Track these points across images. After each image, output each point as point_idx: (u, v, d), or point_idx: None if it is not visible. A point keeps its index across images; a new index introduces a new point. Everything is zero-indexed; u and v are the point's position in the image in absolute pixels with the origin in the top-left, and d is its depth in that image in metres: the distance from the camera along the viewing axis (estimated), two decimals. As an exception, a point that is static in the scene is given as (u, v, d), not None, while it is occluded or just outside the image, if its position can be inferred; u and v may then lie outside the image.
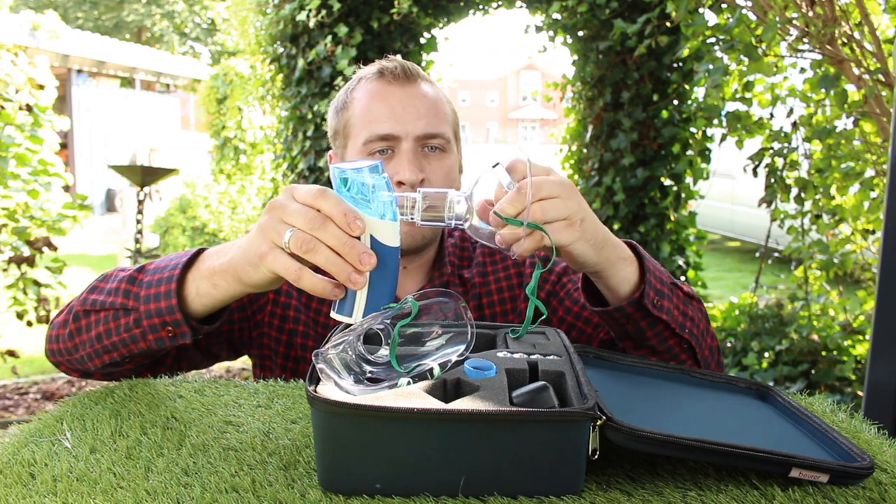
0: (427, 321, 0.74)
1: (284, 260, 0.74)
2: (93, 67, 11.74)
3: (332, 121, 1.20)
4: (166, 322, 0.86)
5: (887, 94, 2.38)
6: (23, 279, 3.29)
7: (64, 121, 3.64)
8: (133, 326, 0.88)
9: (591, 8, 3.78)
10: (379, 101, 1.13)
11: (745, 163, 3.19)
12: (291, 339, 1.16)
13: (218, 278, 0.83)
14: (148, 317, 0.87)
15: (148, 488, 0.63)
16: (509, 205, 0.75)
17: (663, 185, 4.02)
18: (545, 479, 0.62)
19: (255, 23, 4.25)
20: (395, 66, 1.16)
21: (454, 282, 1.21)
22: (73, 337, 0.94)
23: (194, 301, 0.86)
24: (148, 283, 0.88)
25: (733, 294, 5.31)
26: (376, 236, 0.72)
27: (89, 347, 0.92)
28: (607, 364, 0.87)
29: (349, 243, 0.71)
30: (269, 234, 0.74)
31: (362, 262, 0.71)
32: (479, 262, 1.24)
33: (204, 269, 0.85)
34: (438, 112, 1.14)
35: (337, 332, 0.81)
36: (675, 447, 0.64)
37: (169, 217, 7.55)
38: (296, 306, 1.17)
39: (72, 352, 0.95)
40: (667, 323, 0.93)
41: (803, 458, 0.65)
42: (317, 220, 0.71)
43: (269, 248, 0.75)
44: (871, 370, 1.66)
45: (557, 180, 0.78)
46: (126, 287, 0.90)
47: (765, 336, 3.57)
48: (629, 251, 0.91)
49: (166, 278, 0.87)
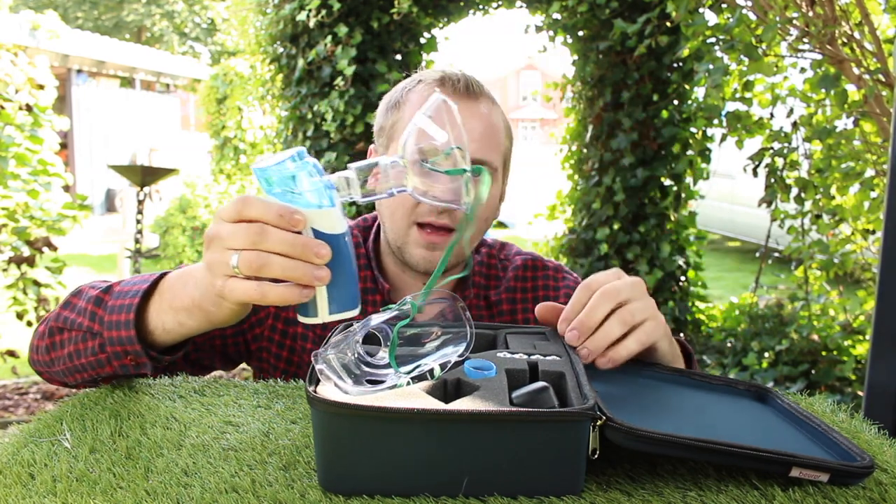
0: (426, 322, 0.73)
1: (241, 286, 0.69)
2: (93, 67, 11.74)
3: (381, 117, 1.12)
4: (128, 351, 0.83)
5: (887, 94, 2.38)
6: (23, 279, 3.30)
7: (64, 121, 3.64)
8: (98, 351, 0.85)
9: (591, 8, 3.79)
10: None
11: (745, 163, 3.19)
12: (291, 357, 1.12)
13: (183, 317, 0.79)
14: (111, 343, 0.84)
15: (148, 488, 0.63)
16: (573, 334, 0.79)
17: (663, 185, 4.02)
18: (545, 479, 0.62)
19: (255, 23, 4.25)
20: (459, 77, 1.08)
21: (479, 304, 1.16)
22: (49, 351, 0.92)
23: (161, 335, 0.83)
24: (111, 308, 0.84)
25: (733, 294, 5.31)
26: (318, 227, 0.67)
27: (62, 365, 0.90)
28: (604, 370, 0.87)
29: (297, 242, 0.66)
30: (216, 267, 0.70)
31: (319, 256, 0.66)
32: (510, 287, 1.19)
33: (166, 304, 0.81)
34: (492, 137, 1.07)
35: (336, 333, 0.81)
36: (675, 447, 0.64)
37: (169, 217, 7.55)
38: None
39: (50, 365, 0.93)
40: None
41: (803, 457, 0.65)
42: (253, 231, 0.66)
43: (223, 282, 0.70)
44: (871, 370, 1.66)
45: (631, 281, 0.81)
46: (92, 309, 0.86)
47: (765, 336, 3.57)
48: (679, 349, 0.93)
49: (126, 306, 0.83)
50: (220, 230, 0.69)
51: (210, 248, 0.71)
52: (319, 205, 0.67)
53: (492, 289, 1.19)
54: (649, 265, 3.97)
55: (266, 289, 0.68)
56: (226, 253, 0.69)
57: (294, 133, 3.91)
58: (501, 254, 1.24)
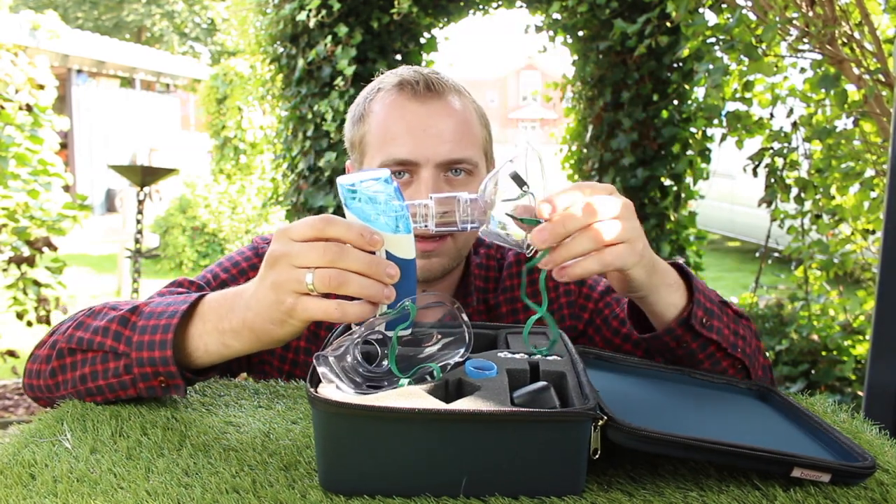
0: (425, 327, 0.73)
1: (318, 304, 0.69)
2: (93, 67, 11.73)
3: (349, 131, 1.10)
4: (159, 372, 0.80)
5: (887, 94, 2.38)
6: (23, 279, 3.29)
7: (64, 121, 3.64)
8: (123, 372, 0.81)
9: (591, 8, 3.78)
10: (397, 119, 1.02)
11: (745, 163, 3.19)
12: (293, 370, 1.11)
13: (230, 338, 0.77)
14: (140, 365, 0.80)
15: (148, 489, 0.63)
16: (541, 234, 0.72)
17: (663, 185, 4.02)
18: (546, 479, 0.62)
19: (255, 23, 4.25)
20: (417, 78, 1.03)
21: (479, 310, 1.14)
22: (55, 374, 0.86)
23: (201, 357, 0.81)
24: (142, 329, 0.81)
25: (733, 294, 5.31)
26: (391, 250, 0.69)
27: (72, 388, 0.85)
28: (608, 365, 0.87)
29: (373, 261, 0.68)
30: (287, 285, 0.69)
31: (389, 277, 0.68)
32: (506, 287, 1.17)
33: (210, 326, 0.79)
34: (466, 133, 1.03)
35: (335, 335, 0.81)
36: (677, 447, 0.64)
37: (169, 217, 7.55)
38: (306, 336, 1.10)
39: (53, 390, 0.87)
40: (718, 343, 0.90)
41: (805, 457, 0.65)
42: (333, 250, 0.67)
43: (295, 300, 0.69)
44: (871, 370, 1.65)
45: (620, 200, 0.75)
46: (117, 329, 0.82)
47: (765, 336, 3.57)
48: (676, 275, 0.88)
49: (163, 326, 0.80)
50: (290, 249, 0.69)
51: (276, 267, 0.70)
52: (395, 228, 0.69)
53: (490, 292, 1.17)
54: (649, 265, 3.96)
55: (346, 307, 0.69)
56: (297, 271, 0.69)
57: (294, 133, 3.91)
58: (499, 253, 1.21)
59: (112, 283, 6.62)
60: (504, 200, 0.72)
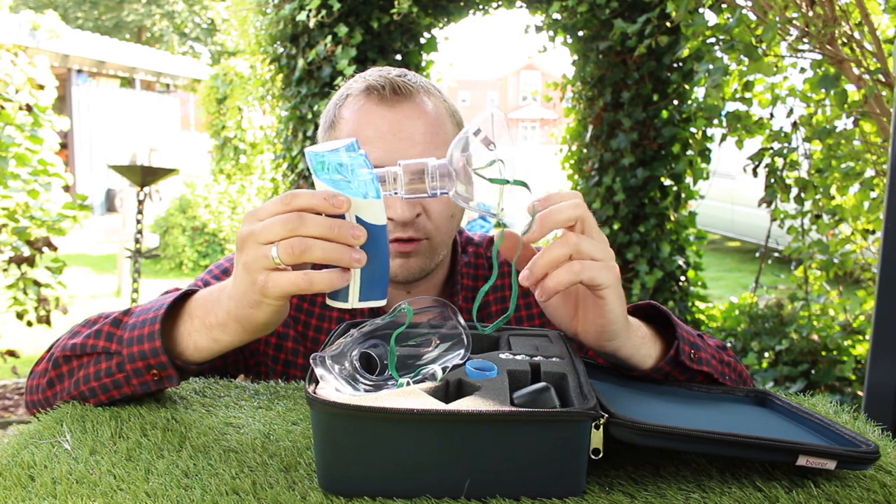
0: (423, 331, 0.73)
1: (285, 277, 0.69)
2: (93, 67, 11.73)
3: (321, 138, 1.09)
4: (151, 365, 0.80)
5: (887, 94, 2.38)
6: (23, 279, 3.29)
7: (64, 121, 3.64)
8: (116, 371, 0.81)
9: (591, 8, 3.78)
10: (366, 124, 1.01)
11: (745, 163, 3.19)
12: (287, 370, 1.11)
13: (218, 332, 0.78)
14: (131, 360, 0.80)
15: (148, 490, 0.63)
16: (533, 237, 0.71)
17: (663, 185, 4.02)
18: (546, 480, 0.62)
19: (255, 23, 4.25)
20: (383, 83, 1.01)
21: (468, 308, 1.11)
22: (52, 385, 0.86)
23: (192, 354, 0.81)
24: (132, 326, 0.82)
25: (733, 294, 5.31)
26: (361, 216, 0.69)
27: (68, 394, 0.85)
28: (606, 377, 0.86)
29: (334, 224, 0.67)
30: (256, 263, 0.69)
31: (355, 238, 0.67)
32: (497, 286, 1.15)
33: (198, 322, 0.79)
34: (436, 134, 1.01)
35: (335, 335, 0.81)
36: (682, 439, 0.63)
37: (169, 217, 7.55)
38: (293, 337, 1.11)
39: (51, 400, 0.87)
40: (709, 374, 0.88)
41: (810, 444, 0.65)
42: (292, 219, 0.67)
43: (266, 276, 0.69)
44: (871, 370, 1.65)
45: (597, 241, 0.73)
46: (109, 330, 0.83)
47: (765, 336, 3.57)
48: (647, 329, 0.85)
49: (150, 319, 0.80)
50: (253, 228, 0.70)
51: (244, 248, 0.70)
52: (365, 194, 0.69)
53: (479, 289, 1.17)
54: (649, 265, 3.97)
55: (312, 275, 0.68)
56: (263, 247, 0.69)
57: (294, 133, 3.91)
58: (489, 251, 1.19)
59: (112, 283, 6.62)
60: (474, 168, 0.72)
